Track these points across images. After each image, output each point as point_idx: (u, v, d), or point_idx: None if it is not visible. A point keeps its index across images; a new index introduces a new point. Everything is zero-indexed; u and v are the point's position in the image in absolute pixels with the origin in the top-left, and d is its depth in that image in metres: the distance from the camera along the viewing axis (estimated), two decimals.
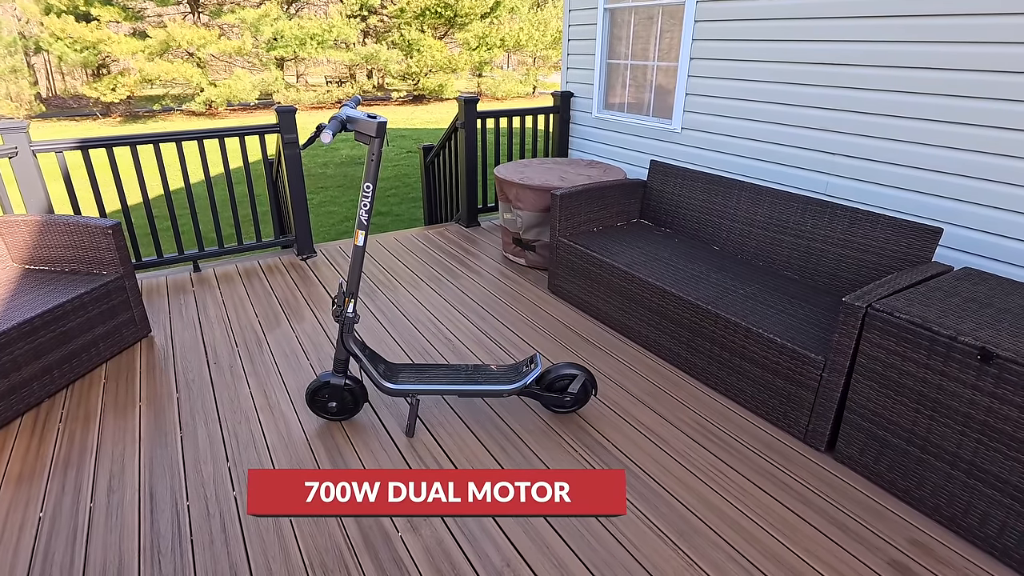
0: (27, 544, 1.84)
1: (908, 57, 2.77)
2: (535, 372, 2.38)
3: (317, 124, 2.03)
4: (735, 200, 3.26)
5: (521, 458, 2.23)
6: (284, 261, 4.11)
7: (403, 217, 8.02)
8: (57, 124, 15.36)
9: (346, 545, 1.84)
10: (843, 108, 3.06)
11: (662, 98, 4.19)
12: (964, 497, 1.87)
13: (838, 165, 3.15)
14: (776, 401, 2.40)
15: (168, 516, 1.95)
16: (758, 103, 3.49)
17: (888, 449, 2.04)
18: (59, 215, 2.91)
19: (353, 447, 2.28)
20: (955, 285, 2.14)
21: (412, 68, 19.52)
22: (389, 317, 3.33)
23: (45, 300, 2.57)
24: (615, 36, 4.50)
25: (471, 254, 4.29)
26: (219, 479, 2.11)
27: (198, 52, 16.53)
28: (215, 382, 2.70)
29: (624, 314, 3.09)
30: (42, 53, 16.82)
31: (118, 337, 2.89)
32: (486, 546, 1.85)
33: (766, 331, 2.38)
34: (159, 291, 3.62)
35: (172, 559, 1.79)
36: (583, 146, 5.01)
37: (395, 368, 2.42)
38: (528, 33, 20.53)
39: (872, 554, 1.83)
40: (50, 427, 2.38)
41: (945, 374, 1.84)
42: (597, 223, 3.60)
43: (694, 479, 2.14)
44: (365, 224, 2.11)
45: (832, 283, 2.82)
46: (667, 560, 1.81)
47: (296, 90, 18.48)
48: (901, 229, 2.57)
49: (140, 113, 17.06)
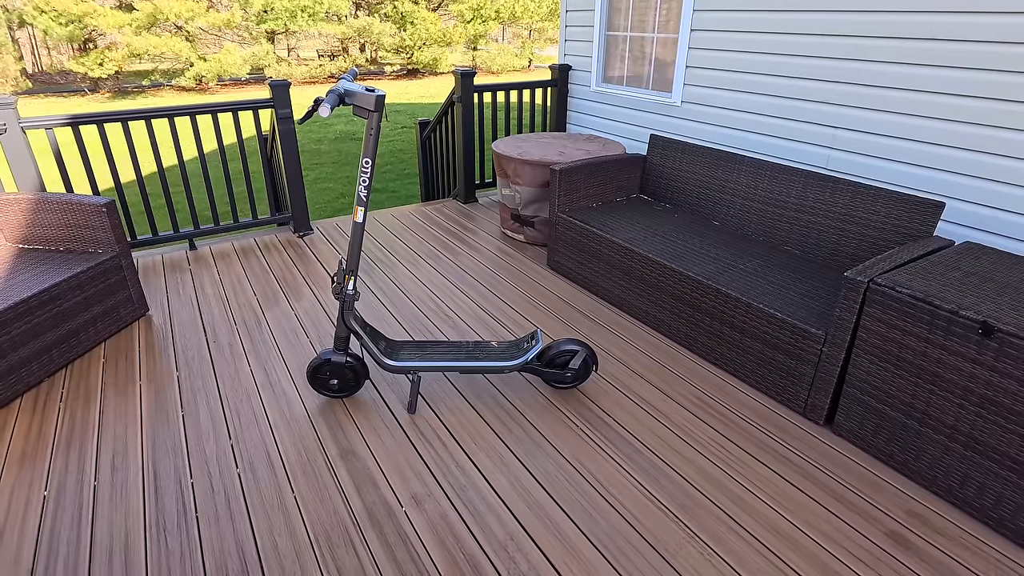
0: (33, 523, 1.85)
1: (908, 28, 2.73)
2: (536, 348, 2.38)
3: (315, 98, 2.00)
4: (736, 175, 3.23)
5: (523, 433, 2.24)
6: (281, 238, 4.08)
7: (399, 194, 7.96)
8: (44, 100, 15.10)
9: (351, 520, 1.86)
10: (844, 80, 3.03)
11: (662, 71, 4.13)
12: (961, 469, 1.89)
13: (839, 139, 3.12)
14: (776, 375, 2.41)
15: (172, 493, 1.96)
16: (759, 76, 3.44)
17: (887, 422, 2.06)
18: (52, 193, 2.87)
19: (355, 424, 2.29)
20: (956, 259, 2.14)
21: (406, 41, 19.19)
22: (388, 294, 3.31)
23: (41, 279, 2.54)
24: (614, 7, 4.41)
25: (469, 230, 4.27)
26: (222, 456, 2.12)
27: (187, 25, 16.19)
28: (215, 361, 2.69)
29: (624, 290, 3.08)
30: (26, 27, 16.44)
31: (116, 316, 2.87)
32: (489, 520, 1.87)
33: (767, 306, 2.38)
34: (155, 269, 3.59)
35: (178, 536, 1.81)
36: (582, 120, 4.95)
37: (396, 345, 2.42)
38: (524, 5, 20.18)
39: (870, 525, 1.86)
40: (51, 407, 2.38)
41: (946, 348, 1.85)
42: (596, 198, 3.58)
43: (695, 453, 2.16)
44: (364, 200, 2.09)
45: (833, 258, 2.82)
46: (668, 532, 1.83)
47: (288, 64, 18.17)
48: (902, 203, 2.56)
49: (129, 88, 16.76)
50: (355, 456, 2.13)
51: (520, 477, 2.04)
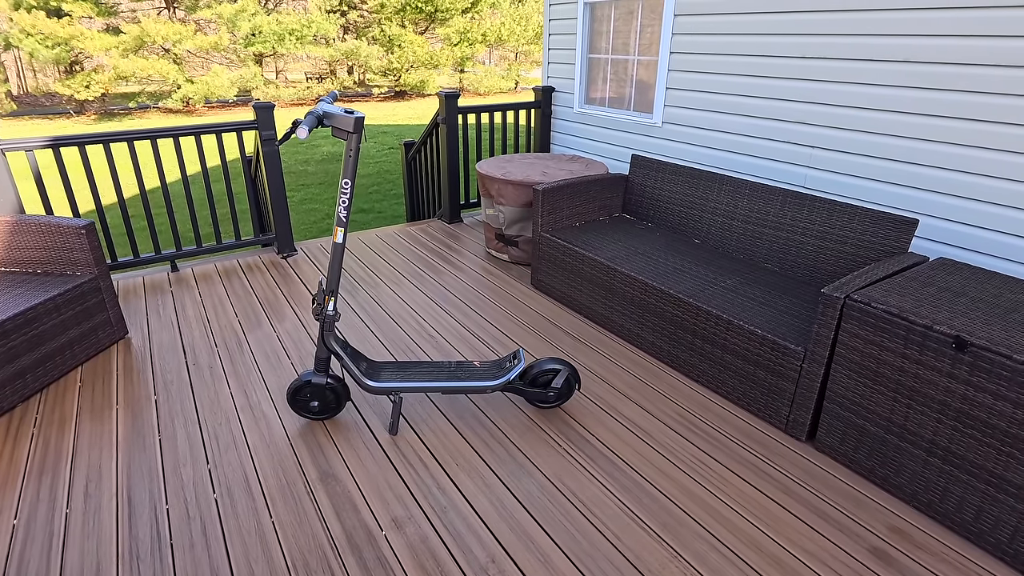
0: (0, 552, 1.80)
1: (881, 50, 2.80)
2: (518, 368, 2.37)
3: (293, 119, 2.01)
4: (716, 193, 3.27)
5: (505, 453, 2.23)
6: (264, 259, 4.06)
7: (385, 214, 7.96)
8: (29, 122, 15.02)
9: (329, 545, 1.83)
10: (818, 101, 3.09)
11: (643, 92, 4.20)
12: (941, 483, 1.90)
13: (816, 158, 3.18)
14: (757, 392, 2.42)
15: (147, 520, 1.92)
16: (737, 96, 3.51)
17: (867, 437, 2.07)
18: (30, 215, 2.84)
19: (336, 446, 2.26)
20: (931, 275, 2.17)
21: (393, 64, 19.37)
22: (371, 315, 3.30)
23: (17, 302, 2.51)
24: (596, 31, 4.49)
25: (454, 250, 4.27)
26: (199, 482, 2.08)
27: (174, 48, 16.24)
28: (194, 383, 2.66)
29: (607, 308, 3.09)
30: (12, 50, 16.39)
31: (94, 339, 2.83)
32: (470, 542, 1.84)
33: (747, 323, 2.40)
34: (136, 292, 3.55)
35: (151, 564, 1.76)
36: (565, 141, 5.01)
37: (377, 366, 2.41)
38: (510, 28, 20.48)
39: (852, 541, 1.86)
40: (24, 432, 2.33)
41: (921, 363, 1.87)
42: (579, 218, 3.60)
43: (677, 471, 2.15)
44: (344, 221, 2.09)
45: (811, 275, 2.85)
46: (651, 551, 1.82)
47: (276, 86, 18.26)
48: (878, 220, 2.61)
49: (115, 111, 16.74)
50: (335, 479, 2.10)
51: (502, 498, 2.02)
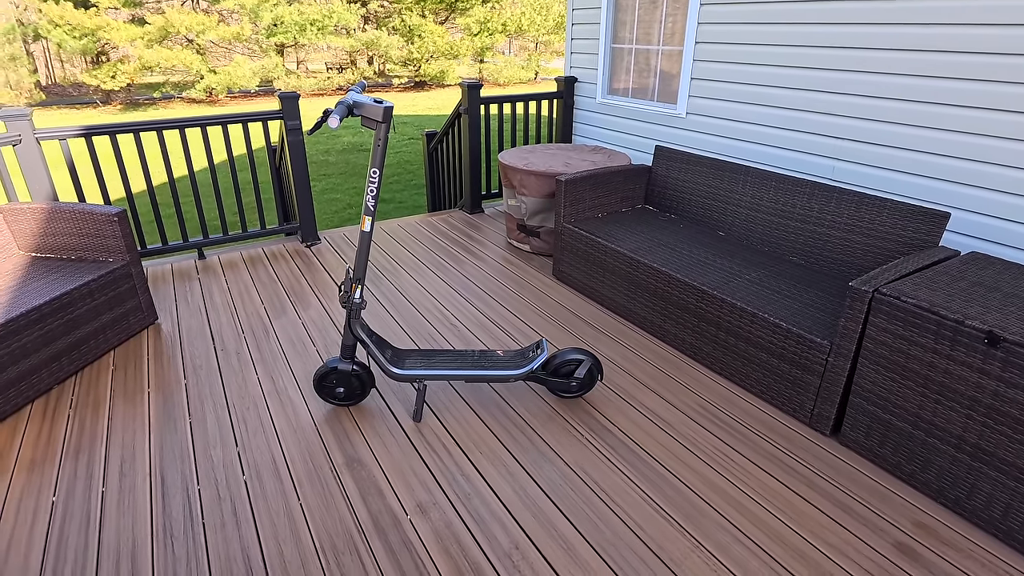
0: (41, 530, 1.86)
1: (913, 40, 2.75)
2: (541, 357, 2.38)
3: (324, 109, 2.03)
4: (741, 185, 3.24)
5: (528, 442, 2.25)
6: (288, 248, 4.11)
7: (406, 204, 8.00)
8: (57, 112, 15.30)
9: (356, 528, 1.86)
10: (850, 92, 3.04)
11: (667, 83, 4.16)
12: (969, 479, 1.88)
13: (844, 150, 3.13)
14: (781, 385, 2.41)
15: (180, 500, 1.97)
16: (764, 87, 3.46)
17: (893, 432, 2.05)
18: (64, 203, 2.91)
19: (361, 432, 2.30)
20: (962, 269, 2.14)
21: (413, 54, 19.36)
22: (394, 303, 3.33)
23: (53, 287, 2.58)
24: (619, 20, 4.45)
25: (475, 240, 4.29)
26: (229, 464, 2.13)
27: (197, 38, 16.41)
28: (222, 368, 2.71)
29: (629, 300, 3.09)
30: (41, 40, 16.70)
31: (125, 324, 2.90)
32: (494, 528, 1.87)
33: (772, 316, 2.38)
34: (164, 278, 3.63)
35: (185, 542, 1.82)
36: (587, 132, 4.99)
37: (402, 354, 2.43)
38: (530, 18, 20.33)
39: (877, 536, 1.85)
40: (60, 413, 2.40)
41: (952, 358, 1.84)
42: (601, 209, 3.60)
43: (699, 462, 2.15)
44: (372, 210, 2.11)
45: (838, 268, 2.82)
46: (673, 541, 1.83)
47: (296, 77, 18.36)
48: (908, 214, 2.57)
49: (140, 100, 16.97)
50: (361, 464, 2.14)
51: (525, 486, 2.04)
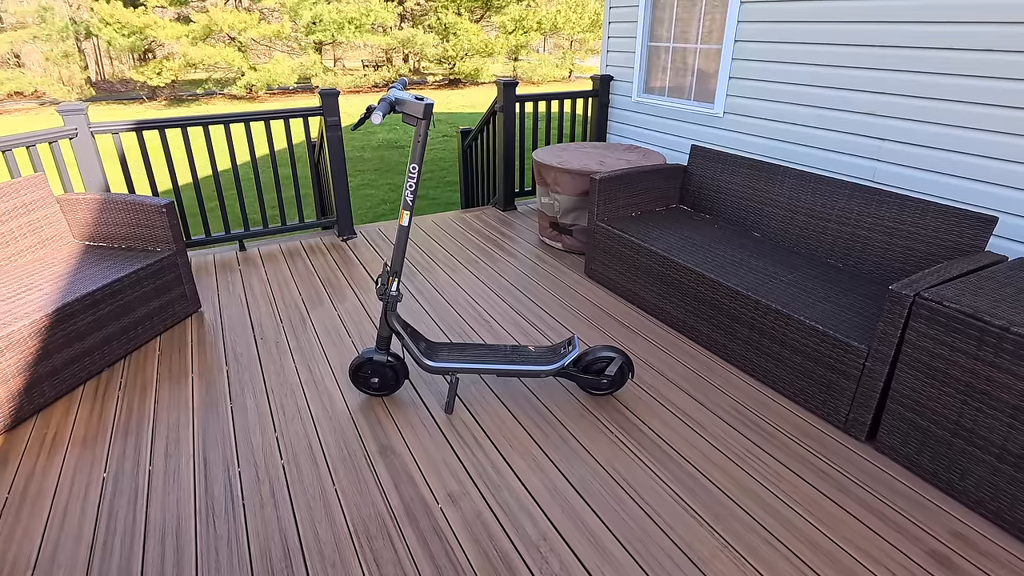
0: (93, 501, 1.96)
1: (959, 39, 2.67)
2: (573, 354, 2.40)
3: (367, 106, 2.08)
4: (778, 186, 3.20)
5: (558, 437, 2.27)
6: (325, 242, 4.21)
7: (439, 200, 8.09)
8: (106, 107, 15.86)
9: (388, 514, 1.91)
10: (893, 92, 2.98)
11: (704, 82, 4.12)
12: (1011, 491, 1.83)
13: (886, 150, 3.06)
14: (816, 389, 2.38)
15: (221, 481, 2.05)
16: (804, 87, 3.41)
17: (932, 440, 2.01)
18: (116, 194, 3.04)
19: (394, 422, 2.35)
20: (1009, 275, 2.08)
21: (448, 52, 19.51)
22: (428, 298, 3.39)
23: (105, 274, 2.70)
24: (657, 18, 4.43)
25: (508, 237, 4.32)
26: (268, 448, 2.21)
27: (239, 36, 16.82)
28: (262, 357, 2.80)
29: (661, 299, 3.08)
30: (92, 38, 17.34)
31: (171, 311, 3.01)
32: (523, 520, 1.90)
33: (808, 319, 2.36)
34: (207, 269, 3.75)
35: (226, 520, 1.89)
36: (622, 130, 4.97)
37: (435, 346, 2.48)
38: (565, 16, 20.29)
39: (911, 543, 1.82)
40: (110, 395, 2.52)
41: (996, 365, 1.80)
42: (636, 208, 3.59)
43: (730, 463, 2.15)
44: (411, 204, 2.16)
45: (878, 272, 2.77)
46: (702, 540, 1.83)
47: (334, 74, 18.67)
48: (952, 217, 2.50)
49: (184, 96, 17.49)
50: (394, 453, 2.19)
51: (554, 480, 2.06)
